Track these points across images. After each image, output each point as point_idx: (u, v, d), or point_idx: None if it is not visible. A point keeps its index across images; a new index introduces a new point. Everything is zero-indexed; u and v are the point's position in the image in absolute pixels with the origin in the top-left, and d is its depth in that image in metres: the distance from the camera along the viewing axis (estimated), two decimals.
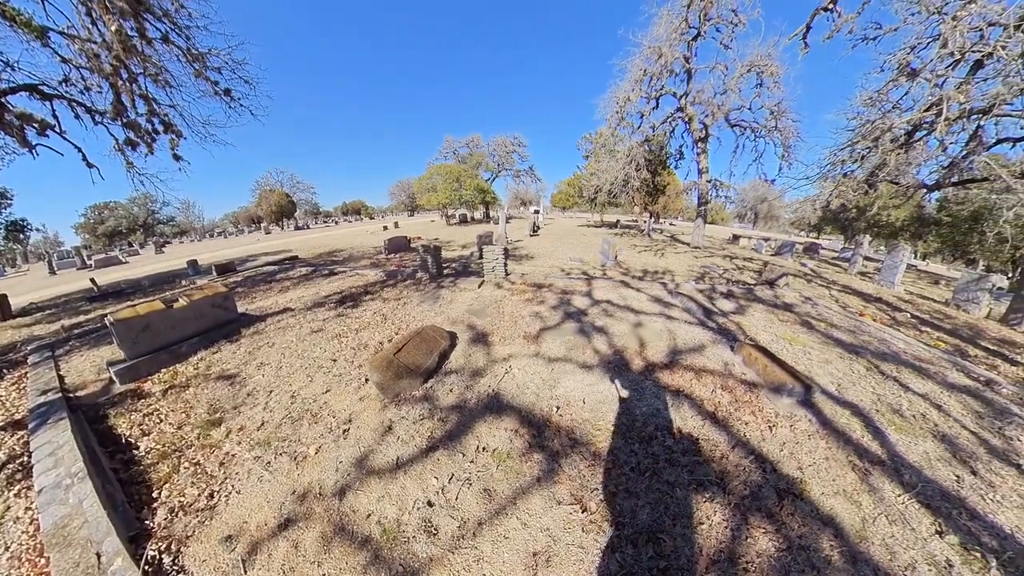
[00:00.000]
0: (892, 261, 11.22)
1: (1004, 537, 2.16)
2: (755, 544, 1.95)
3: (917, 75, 8.03)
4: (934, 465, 2.70)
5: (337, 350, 4.12)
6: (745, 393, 3.34)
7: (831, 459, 2.63)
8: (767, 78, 12.89)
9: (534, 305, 5.60)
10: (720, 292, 7.06)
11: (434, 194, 27.18)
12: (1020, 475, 2.70)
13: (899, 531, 2.13)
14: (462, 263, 10.25)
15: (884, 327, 6.20)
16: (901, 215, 23.84)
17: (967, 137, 9.62)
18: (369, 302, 5.94)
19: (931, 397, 3.68)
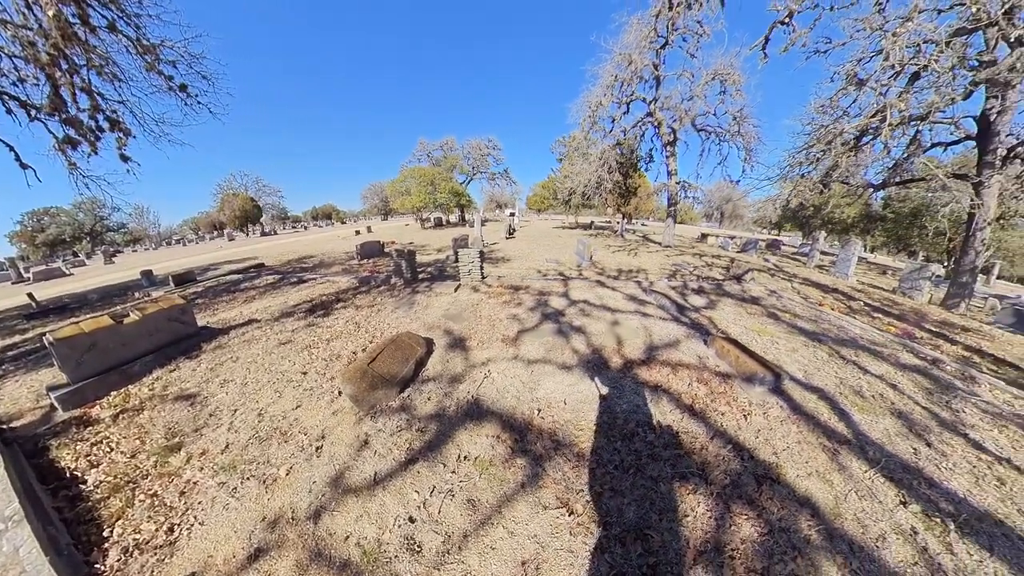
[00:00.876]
0: (845, 255, 12.18)
1: (959, 501, 2.34)
2: (739, 531, 2.00)
3: (863, 85, 8.80)
4: (894, 440, 2.87)
5: (307, 362, 3.93)
6: (720, 384, 3.44)
7: (803, 442, 2.74)
8: (730, 86, 13.80)
9: (512, 307, 5.57)
10: (692, 288, 7.29)
11: (408, 197, 26.68)
12: (968, 444, 2.92)
13: (868, 505, 2.25)
14: (438, 267, 10.09)
15: (842, 315, 6.60)
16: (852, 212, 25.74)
17: (907, 141, 10.71)
18: (341, 310, 5.71)
19: (887, 378, 3.92)
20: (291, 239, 26.83)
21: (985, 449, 2.88)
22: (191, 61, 7.41)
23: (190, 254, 20.68)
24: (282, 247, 19.39)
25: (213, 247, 24.88)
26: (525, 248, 14.52)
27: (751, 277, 8.94)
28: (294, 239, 26.59)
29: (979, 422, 3.26)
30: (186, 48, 7.27)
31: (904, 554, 1.97)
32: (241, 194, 45.73)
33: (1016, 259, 26.09)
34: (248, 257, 14.84)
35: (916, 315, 7.91)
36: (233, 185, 48.87)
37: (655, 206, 31.43)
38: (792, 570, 1.82)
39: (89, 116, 6.79)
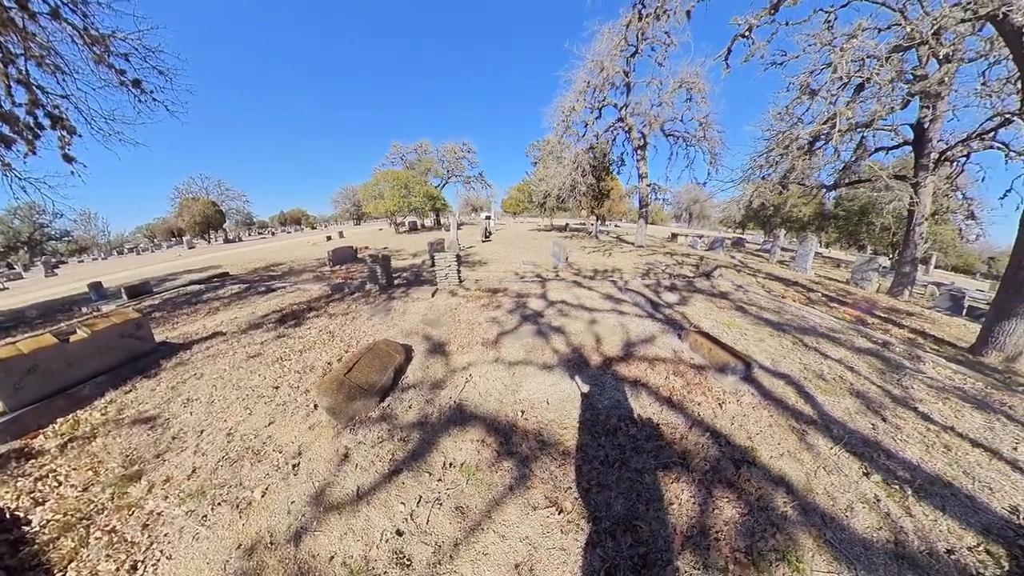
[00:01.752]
0: (803, 250, 13.17)
1: (913, 468, 2.55)
2: (722, 513, 2.08)
3: (816, 95, 9.55)
4: (854, 418, 3.08)
5: (279, 376, 3.75)
6: (695, 376, 3.56)
7: (774, 425, 2.89)
8: (695, 94, 14.62)
9: (490, 310, 5.55)
10: (665, 286, 7.53)
11: (381, 201, 26.05)
12: (917, 416, 3.18)
13: (836, 479, 2.40)
14: (414, 272, 9.92)
15: (802, 306, 7.01)
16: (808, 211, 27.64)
17: (855, 146, 11.84)
18: (314, 319, 5.49)
19: (845, 361, 4.19)
20: (258, 246, 25.59)
21: (932, 420, 3.14)
22: (146, 54, 6.81)
23: (145, 264, 19.30)
24: (248, 254, 18.44)
25: (171, 255, 23.32)
26: (502, 251, 14.54)
27: (719, 273, 9.36)
28: (261, 246, 25.37)
29: (926, 396, 3.55)
30: (140, 40, 6.66)
31: (870, 520, 2.12)
32: (202, 198, 42.84)
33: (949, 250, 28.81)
34: (211, 266, 13.99)
35: (867, 303, 8.53)
36: (193, 189, 45.67)
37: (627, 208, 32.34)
38: (773, 545, 1.91)
39: (27, 111, 6.13)
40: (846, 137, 10.41)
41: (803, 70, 9.54)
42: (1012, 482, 2.51)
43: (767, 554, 1.87)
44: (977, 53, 8.30)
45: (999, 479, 2.52)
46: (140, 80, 6.92)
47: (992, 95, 8.71)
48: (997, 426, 3.16)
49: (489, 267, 10.73)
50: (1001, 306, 5.35)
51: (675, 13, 9.77)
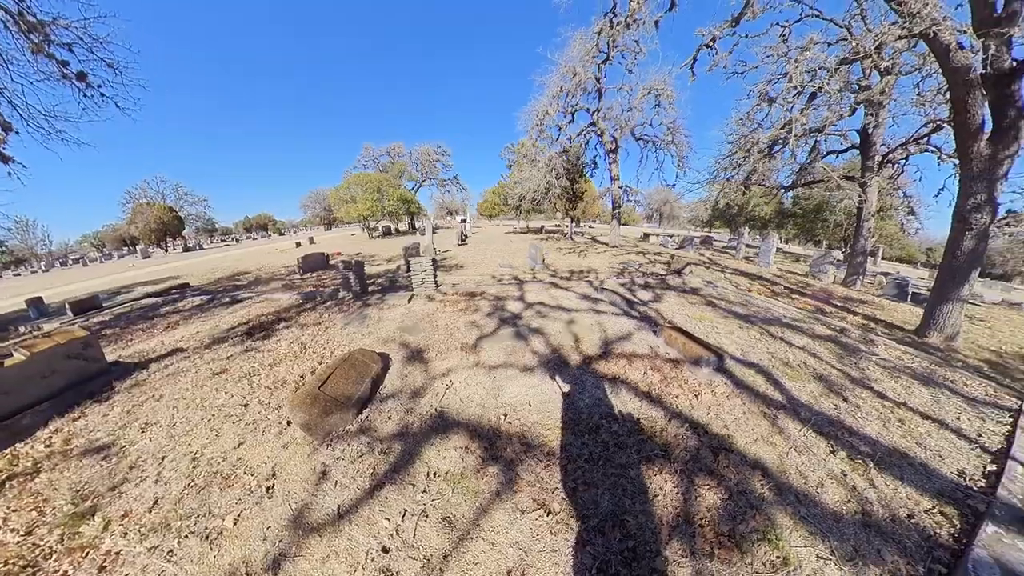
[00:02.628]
0: (766, 247, 14.12)
1: (873, 443, 2.74)
2: (704, 500, 2.15)
3: (773, 102, 10.31)
4: (819, 400, 3.27)
5: (248, 392, 3.55)
6: (671, 370, 3.67)
7: (748, 412, 3.02)
8: (664, 100, 15.34)
9: (469, 314, 5.50)
10: (639, 284, 7.73)
11: (353, 205, 25.19)
12: (874, 395, 3.42)
13: (806, 459, 2.54)
14: (389, 278, 9.70)
15: (767, 298, 7.38)
16: (769, 210, 29.44)
17: (809, 149, 12.81)
18: (284, 330, 5.24)
19: (807, 348, 4.44)
20: (221, 254, 24.23)
21: (887, 397, 3.38)
22: (92, 45, 6.14)
23: (93, 275, 17.85)
24: (210, 263, 17.42)
25: (123, 266, 21.70)
26: (478, 254, 14.48)
27: (690, 271, 9.71)
28: (224, 253, 24.04)
29: (880, 376, 3.81)
30: (86, 29, 6.01)
31: (839, 494, 2.26)
32: (158, 203, 39.00)
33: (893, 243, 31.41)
34: (169, 276, 13.11)
35: (824, 293, 9.09)
36: (147, 193, 41.82)
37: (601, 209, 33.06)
38: (753, 527, 1.99)
39: None
40: (801, 141, 11.29)
41: (762, 79, 10.28)
42: (958, 448, 2.75)
43: (749, 535, 1.95)
44: (913, 67, 9.29)
45: (947, 447, 2.76)
46: (85, 73, 6.26)
47: (926, 104, 9.73)
48: (942, 399, 3.45)
49: (466, 271, 10.66)
50: (939, 292, 5.84)
51: (644, 23, 10.31)
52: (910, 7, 5.04)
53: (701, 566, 1.79)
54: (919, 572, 1.82)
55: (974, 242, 5.46)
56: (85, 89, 6.35)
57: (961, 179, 5.63)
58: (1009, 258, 21.35)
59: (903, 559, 1.87)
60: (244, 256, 19.62)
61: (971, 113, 5.23)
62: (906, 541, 1.97)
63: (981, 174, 5.32)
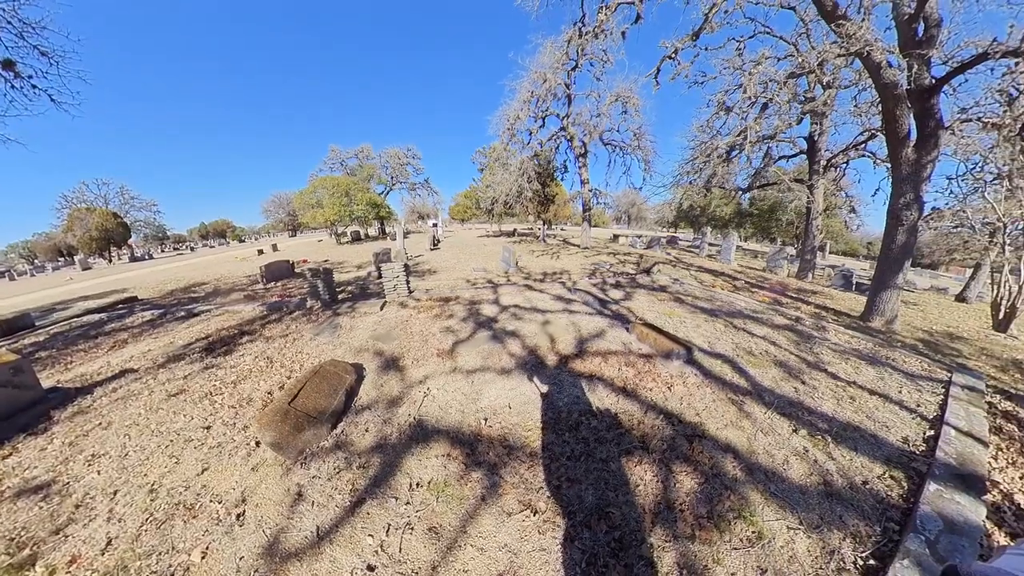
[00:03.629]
0: (727, 244, 15.14)
1: (830, 420, 2.97)
2: (682, 486, 2.24)
3: (730, 111, 11.19)
4: (780, 384, 3.48)
5: (210, 413, 3.32)
6: (645, 364, 3.79)
7: (717, 400, 3.17)
8: (630, 107, 16.03)
9: (443, 320, 5.43)
10: (610, 284, 7.93)
11: (320, 210, 24.16)
12: (828, 376, 3.69)
13: (771, 439, 2.70)
14: (359, 285, 9.40)
15: (730, 293, 7.79)
16: (728, 211, 31.47)
17: (763, 155, 13.87)
18: (248, 344, 4.95)
19: (768, 337, 4.72)
20: (174, 264, 22.53)
21: (839, 378, 3.67)
22: (22, 30, 5.49)
23: (23, 290, 16.06)
24: (162, 274, 16.11)
25: (59, 279, 19.70)
26: (451, 258, 14.35)
27: (658, 269, 10.09)
28: (178, 263, 22.38)
29: (832, 359, 4.12)
30: (15, 11, 5.37)
31: (803, 469, 2.43)
32: (99, 209, 35.00)
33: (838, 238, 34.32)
34: (114, 290, 11.99)
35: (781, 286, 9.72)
36: (87, 197, 37.73)
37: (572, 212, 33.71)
38: (728, 506, 2.10)
39: None
40: (756, 147, 12.31)
41: (720, 89, 11.13)
42: (901, 419, 3.03)
43: (725, 515, 2.05)
44: (850, 81, 10.42)
45: (892, 418, 3.03)
46: (13, 61, 5.61)
47: (862, 115, 10.86)
48: (886, 376, 3.78)
49: (439, 276, 10.53)
50: (879, 281, 6.44)
51: (611, 33, 10.86)
52: (847, 29, 5.59)
53: (684, 548, 1.87)
54: (876, 532, 1.98)
55: (906, 236, 6.08)
56: (13, 79, 5.68)
57: (893, 181, 6.29)
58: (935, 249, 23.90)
59: (862, 522, 2.04)
60: (200, 265, 18.36)
61: (899, 123, 5.85)
62: (863, 505, 2.15)
63: (909, 176, 5.95)
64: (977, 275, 11.96)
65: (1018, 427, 3.18)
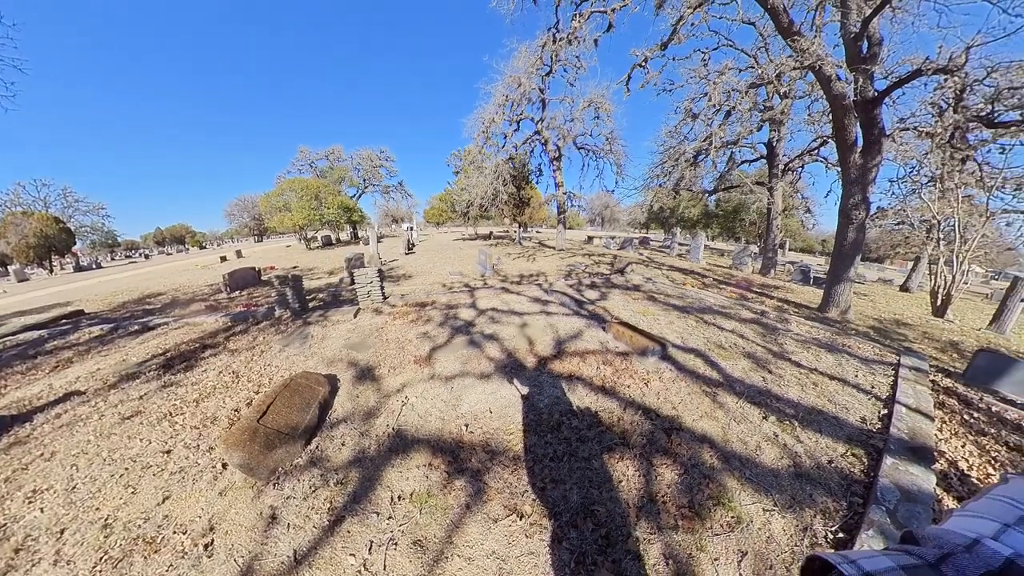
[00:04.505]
0: (695, 244, 15.90)
1: (796, 405, 3.14)
2: (663, 479, 2.30)
3: (696, 118, 11.87)
4: (749, 375, 3.65)
5: (170, 436, 3.10)
6: (622, 362, 3.86)
7: (691, 393, 3.28)
8: (602, 112, 16.42)
9: (420, 326, 5.34)
10: (586, 284, 8.05)
11: (288, 214, 23.06)
12: (792, 365, 3.90)
13: (744, 427, 2.83)
14: (331, 292, 9.08)
15: (700, 290, 8.08)
16: (696, 212, 33.08)
17: (727, 159, 14.75)
18: (211, 359, 4.66)
19: (736, 331, 4.93)
20: (126, 273, 20.90)
21: (802, 366, 3.88)
22: None
23: None
24: (112, 284, 14.85)
25: None
26: (427, 263, 14.14)
27: (631, 269, 10.35)
28: (131, 273, 20.76)
29: (795, 348, 4.35)
30: None
31: (774, 453, 2.56)
32: (38, 213, 31.28)
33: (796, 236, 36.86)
34: (57, 303, 10.92)
35: (746, 282, 10.19)
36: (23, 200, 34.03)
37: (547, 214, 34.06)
38: (708, 494, 2.18)
39: None
40: (720, 152, 13.16)
41: (687, 97, 11.79)
42: (858, 400, 3.26)
43: (705, 503, 2.12)
44: (805, 92, 11.21)
45: (850, 400, 3.25)
46: None
47: (815, 123, 11.78)
48: (843, 362, 4.03)
49: (415, 280, 10.35)
50: (833, 275, 6.92)
51: (584, 40, 11.23)
52: (801, 44, 6.06)
53: (669, 539, 1.92)
54: (843, 506, 2.12)
55: (856, 233, 6.59)
56: None
57: (843, 183, 6.84)
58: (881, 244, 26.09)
59: (830, 498, 2.18)
60: (156, 274, 17.13)
61: (847, 131, 6.38)
62: (830, 483, 2.30)
63: (857, 179, 6.48)
64: (917, 267, 13.15)
65: (957, 401, 3.50)
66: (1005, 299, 7.72)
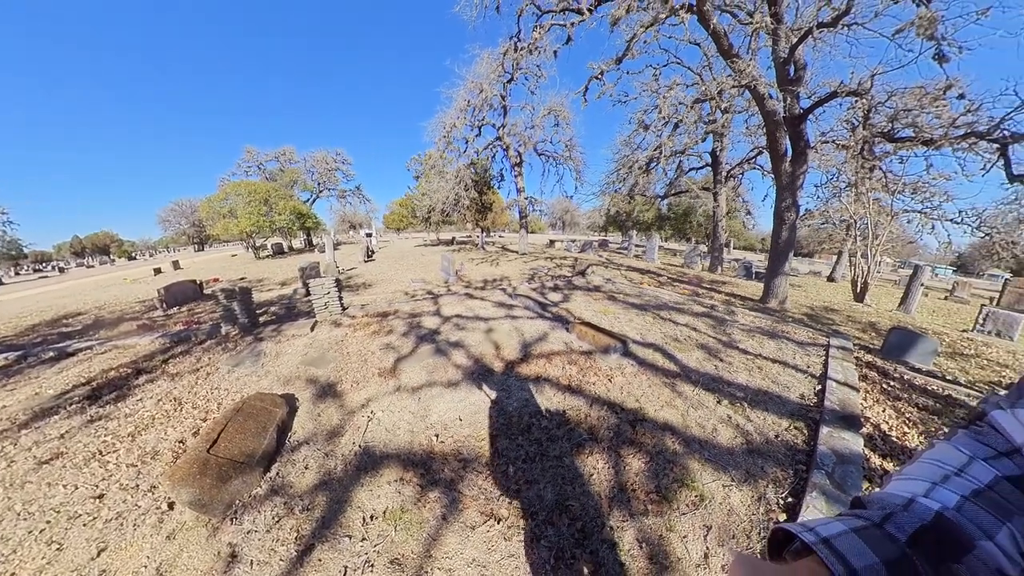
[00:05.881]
0: (651, 245, 16.94)
1: (744, 388, 3.42)
2: (631, 468, 2.42)
3: (648, 128, 12.81)
4: (704, 364, 3.91)
5: (102, 478, 2.76)
6: (586, 361, 3.99)
7: (652, 385, 3.46)
8: (562, 120, 17.13)
9: (383, 336, 5.18)
10: (549, 287, 8.21)
11: (233, 220, 21.34)
12: (740, 352, 4.23)
13: (701, 412, 3.03)
14: (284, 304, 8.55)
15: (656, 288, 8.53)
16: (650, 215, 35.29)
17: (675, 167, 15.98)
18: (147, 386, 4.19)
19: (690, 324, 5.25)
20: (35, 290, 18.34)
21: (748, 352, 4.23)
22: None
23: None
24: (18, 304, 12.83)
25: None
26: (388, 270, 13.75)
27: (592, 271, 10.71)
28: (42, 289, 18.25)
29: (742, 337, 4.72)
30: None
31: (728, 434, 2.77)
32: None
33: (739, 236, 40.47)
34: None
35: (697, 279, 10.90)
36: None
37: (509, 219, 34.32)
38: (673, 478, 2.33)
39: None
40: (670, 161, 14.37)
41: (640, 109, 12.69)
42: (797, 380, 3.61)
43: (671, 486, 2.26)
44: (743, 108, 12.30)
45: (791, 380, 3.60)
46: None
47: (752, 135, 13.20)
48: (783, 347, 4.44)
49: (375, 289, 10.03)
50: (771, 270, 7.68)
51: (545, 50, 11.59)
52: (739, 65, 6.82)
53: (640, 524, 2.02)
54: (790, 474, 2.36)
55: (788, 232, 7.39)
56: None
57: (776, 189, 7.68)
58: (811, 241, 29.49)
59: (779, 468, 2.41)
60: (75, 291, 15.18)
61: (779, 143, 7.25)
62: (778, 455, 2.54)
63: (787, 185, 7.31)
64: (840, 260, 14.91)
65: (877, 373, 3.99)
66: (909, 285, 8.90)
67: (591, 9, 8.96)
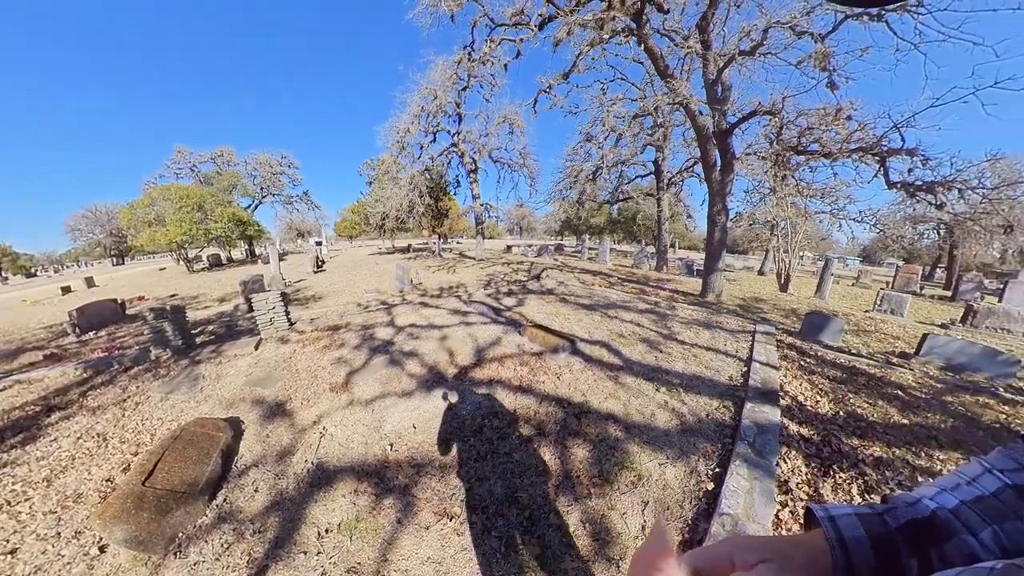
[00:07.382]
0: (603, 248, 17.99)
1: (681, 375, 3.76)
2: (576, 457, 2.60)
3: (591, 140, 13.73)
4: (646, 357, 4.23)
5: (13, 531, 2.48)
6: (537, 362, 4.17)
7: (598, 379, 3.71)
8: (516, 128, 17.47)
9: (334, 351, 5.05)
10: (504, 292, 8.37)
11: (162, 229, 19.14)
12: (678, 343, 4.62)
13: (641, 400, 3.27)
14: (224, 323, 7.98)
15: (606, 288, 9.00)
16: (601, 220, 37.35)
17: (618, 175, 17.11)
18: (62, 424, 3.75)
19: (634, 321, 5.64)
20: None
21: (685, 342, 4.65)
22: None
23: None
24: None
25: None
26: (339, 281, 13.24)
27: (546, 275, 11.02)
28: None
29: (681, 329, 5.16)
30: None
31: (665, 417, 3.03)
32: None
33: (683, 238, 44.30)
34: None
35: (644, 278, 11.63)
36: None
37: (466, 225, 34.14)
38: (615, 462, 2.54)
39: None
40: (613, 170, 15.61)
41: (587, 122, 13.41)
42: (728, 364, 4.03)
43: (612, 469, 2.47)
44: (680, 122, 13.49)
45: (722, 365, 4.01)
46: None
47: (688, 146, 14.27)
48: (716, 335, 4.92)
49: (326, 301, 9.66)
50: (708, 267, 8.53)
51: (497, 62, 11.86)
52: (674, 85, 7.63)
53: (584, 506, 2.20)
54: (718, 447, 2.66)
55: (720, 233, 8.27)
56: None
57: (709, 195, 8.54)
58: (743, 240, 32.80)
59: (709, 443, 2.70)
60: None
61: (709, 154, 8.17)
62: (708, 431, 2.84)
63: (718, 191, 8.21)
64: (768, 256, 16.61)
65: (796, 352, 4.57)
66: (822, 274, 10.18)
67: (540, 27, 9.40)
